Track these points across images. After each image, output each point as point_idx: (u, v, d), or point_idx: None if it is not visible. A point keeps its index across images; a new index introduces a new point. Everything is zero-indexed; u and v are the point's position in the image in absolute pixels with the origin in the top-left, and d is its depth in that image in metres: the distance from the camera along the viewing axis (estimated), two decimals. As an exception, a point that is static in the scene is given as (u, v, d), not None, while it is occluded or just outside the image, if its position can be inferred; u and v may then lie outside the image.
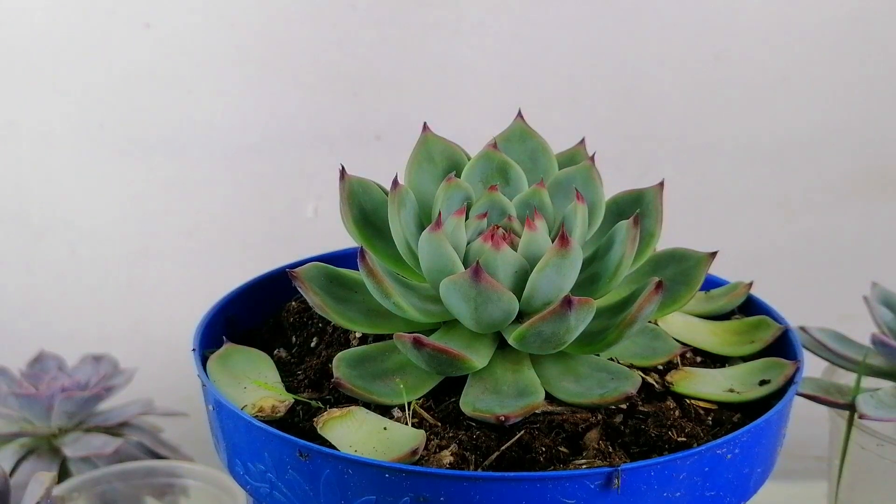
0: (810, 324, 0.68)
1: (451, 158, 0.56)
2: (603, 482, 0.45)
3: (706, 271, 0.54)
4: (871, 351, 0.66)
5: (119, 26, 0.91)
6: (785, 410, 0.52)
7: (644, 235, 0.54)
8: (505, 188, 0.55)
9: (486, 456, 0.47)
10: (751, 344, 0.56)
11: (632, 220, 0.50)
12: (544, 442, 0.48)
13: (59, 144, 0.94)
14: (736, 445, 0.48)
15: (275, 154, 0.94)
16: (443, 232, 0.50)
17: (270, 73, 0.92)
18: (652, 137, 0.94)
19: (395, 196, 0.52)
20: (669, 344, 0.54)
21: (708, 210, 0.95)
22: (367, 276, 0.50)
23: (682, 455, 0.46)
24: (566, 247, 0.48)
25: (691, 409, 0.52)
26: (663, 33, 0.91)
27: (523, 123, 0.57)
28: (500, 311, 0.49)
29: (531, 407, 0.48)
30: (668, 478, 0.46)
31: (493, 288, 0.48)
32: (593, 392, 0.49)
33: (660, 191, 0.55)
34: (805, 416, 0.74)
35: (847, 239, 0.95)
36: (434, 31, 0.91)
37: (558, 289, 0.50)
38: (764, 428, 0.50)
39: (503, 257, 0.50)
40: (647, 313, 0.49)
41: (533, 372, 0.51)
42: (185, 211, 0.96)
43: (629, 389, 0.48)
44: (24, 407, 0.78)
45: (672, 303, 0.54)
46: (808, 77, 0.92)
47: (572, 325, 0.48)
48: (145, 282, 0.97)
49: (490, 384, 0.51)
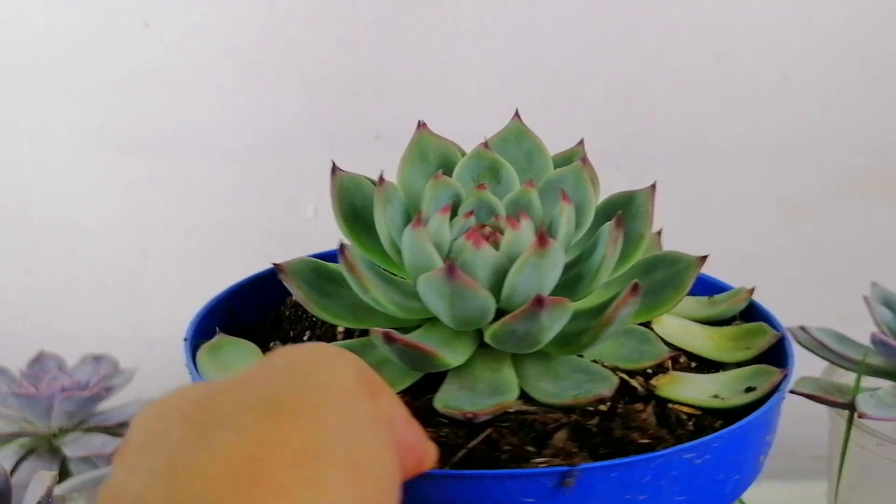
0: (810, 324, 0.68)
1: (445, 157, 0.56)
2: (559, 481, 0.44)
3: (696, 275, 0.53)
4: (871, 351, 0.66)
5: (119, 26, 0.91)
6: (766, 418, 0.51)
7: (633, 237, 0.54)
8: (497, 187, 0.54)
9: (453, 453, 0.47)
10: (746, 350, 0.56)
11: (614, 221, 0.50)
12: (511, 440, 0.47)
13: (59, 144, 0.94)
14: (707, 451, 0.47)
15: (275, 154, 0.94)
16: (424, 229, 0.50)
17: (270, 72, 0.92)
18: (651, 137, 0.94)
19: (381, 192, 0.52)
20: (658, 348, 0.53)
21: (708, 210, 0.95)
22: (347, 270, 0.51)
23: (645, 458, 0.45)
24: (544, 246, 0.48)
25: (671, 414, 0.51)
26: (663, 33, 0.91)
27: (520, 123, 0.57)
28: (475, 309, 0.49)
29: (501, 405, 0.48)
30: (629, 480, 0.45)
31: (466, 285, 0.48)
32: (567, 393, 0.49)
33: (651, 193, 0.54)
34: (805, 415, 0.74)
35: (847, 239, 0.95)
36: (434, 31, 0.91)
37: (537, 288, 0.49)
38: (740, 434, 0.48)
39: (482, 255, 0.49)
40: (624, 316, 0.49)
41: (512, 371, 0.51)
42: (185, 211, 0.96)
43: (603, 391, 0.48)
44: (24, 407, 0.78)
45: (660, 305, 0.53)
46: (807, 77, 0.92)
47: (545, 325, 0.48)
48: (145, 282, 0.97)
49: (467, 382, 0.51)
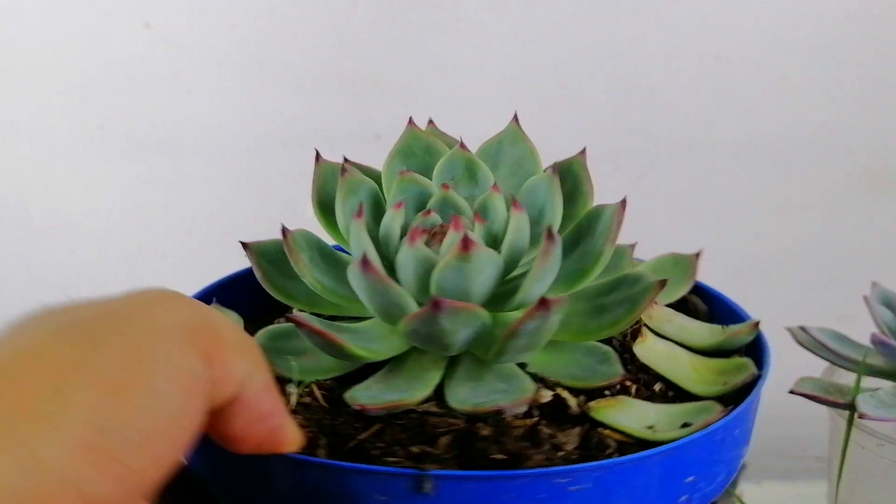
0: (810, 324, 0.68)
1: (432, 154, 0.56)
2: (415, 485, 0.44)
3: (653, 297, 0.51)
4: (871, 351, 0.66)
5: (119, 26, 0.91)
6: (671, 459, 0.47)
7: (591, 253, 0.53)
8: (475, 188, 0.55)
9: (345, 443, 0.47)
10: (723, 385, 0.53)
11: (545, 233, 0.48)
12: (398, 437, 0.47)
13: (59, 144, 0.94)
14: (586, 479, 0.45)
15: (275, 154, 0.94)
16: (362, 221, 0.50)
17: (270, 72, 0.92)
18: (651, 137, 0.94)
19: (343, 182, 0.54)
20: (613, 370, 0.51)
21: (708, 210, 0.95)
22: (288, 252, 0.52)
23: (507, 474, 0.44)
24: (466, 250, 0.48)
25: (594, 437, 0.48)
26: (663, 33, 0.91)
27: (516, 127, 0.57)
28: (390, 305, 0.49)
29: (396, 403, 0.48)
30: (490, 496, 0.44)
31: (379, 280, 0.48)
32: (471, 401, 0.49)
33: (619, 209, 0.53)
34: (805, 416, 0.74)
35: (847, 239, 0.95)
36: (434, 31, 0.91)
37: (463, 292, 0.49)
38: (630, 469, 0.45)
39: (413, 253, 0.49)
40: (529, 329, 0.48)
41: (439, 373, 0.51)
42: (185, 211, 0.96)
43: (502, 403, 0.47)
44: (24, 407, 0.78)
45: (612, 325, 0.52)
46: (807, 77, 0.92)
47: (447, 329, 0.48)
48: (145, 282, 0.97)
49: (391, 378, 0.51)
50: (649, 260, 0.61)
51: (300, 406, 0.50)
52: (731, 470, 0.51)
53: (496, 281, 0.50)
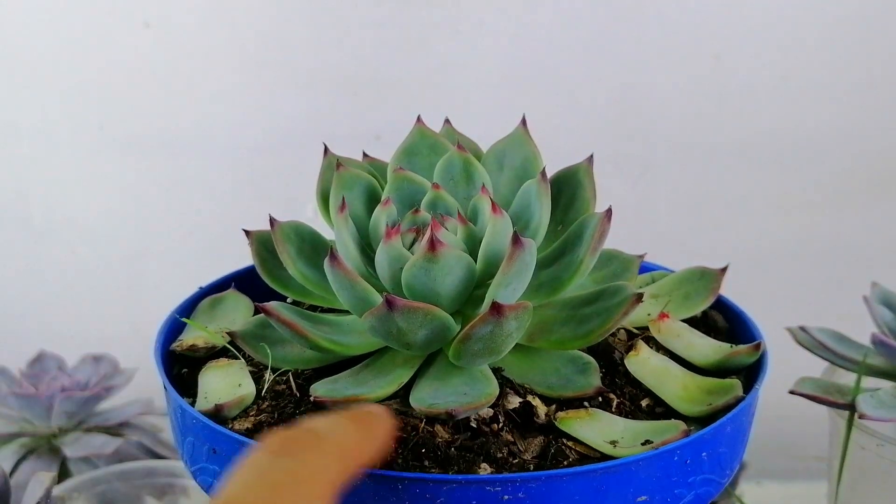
0: (810, 324, 0.68)
1: (438, 153, 0.57)
2: None
3: (626, 311, 0.50)
4: (871, 351, 0.66)
5: (119, 26, 0.91)
6: (617, 476, 0.46)
7: (573, 263, 0.53)
8: (471, 189, 0.55)
9: None
10: (707, 406, 0.51)
11: (511, 238, 0.48)
12: None
13: (59, 144, 0.94)
14: (519, 489, 0.44)
15: (275, 154, 0.94)
16: (344, 216, 0.51)
17: (270, 72, 0.93)
18: (651, 137, 0.94)
19: (337, 178, 0.54)
20: (588, 382, 0.51)
21: (708, 210, 0.95)
22: (276, 243, 0.54)
23: (434, 477, 0.45)
24: (433, 251, 0.48)
25: (552, 447, 0.48)
26: (663, 33, 0.91)
27: (524, 131, 0.57)
28: (356, 299, 0.50)
29: (351, 398, 0.49)
30: (414, 497, 0.44)
31: (344, 273, 0.49)
32: (427, 401, 0.49)
33: (604, 217, 0.52)
34: (805, 416, 0.74)
35: (847, 239, 0.95)
36: (434, 31, 0.91)
37: (431, 292, 0.49)
38: (567, 482, 0.45)
39: (387, 250, 0.50)
40: (482, 333, 0.48)
41: (409, 372, 0.51)
42: (185, 211, 0.96)
43: (455, 406, 0.47)
44: (24, 407, 0.78)
45: (585, 336, 0.51)
46: (807, 77, 0.92)
47: (403, 327, 0.48)
48: (145, 282, 0.97)
49: (363, 373, 0.51)
50: (677, 272, 0.60)
51: (273, 393, 0.52)
52: (702, 493, 0.49)
53: (469, 283, 0.50)
